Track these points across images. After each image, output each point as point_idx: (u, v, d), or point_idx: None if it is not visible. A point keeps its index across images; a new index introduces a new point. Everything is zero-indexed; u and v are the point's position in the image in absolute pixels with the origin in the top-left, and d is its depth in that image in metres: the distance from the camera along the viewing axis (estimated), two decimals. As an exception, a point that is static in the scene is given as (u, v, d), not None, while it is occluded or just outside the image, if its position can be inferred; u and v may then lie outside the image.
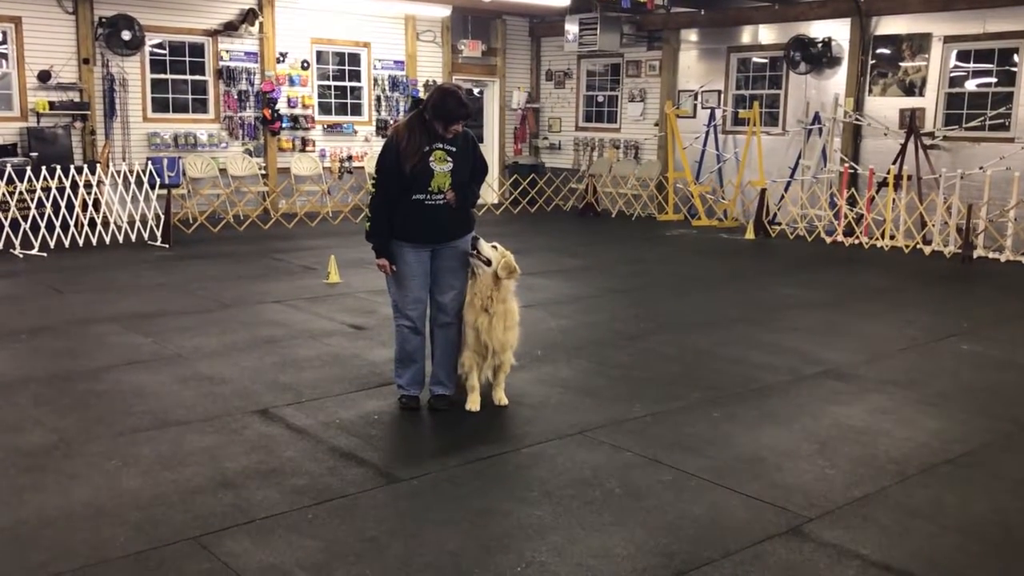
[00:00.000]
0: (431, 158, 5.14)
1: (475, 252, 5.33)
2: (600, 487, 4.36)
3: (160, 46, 13.79)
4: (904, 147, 12.51)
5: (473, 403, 5.42)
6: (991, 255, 11.54)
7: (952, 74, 12.69)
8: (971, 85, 12.56)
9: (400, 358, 5.46)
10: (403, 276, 5.29)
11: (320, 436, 4.99)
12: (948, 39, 12.61)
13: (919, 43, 12.87)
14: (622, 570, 3.57)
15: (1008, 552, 3.84)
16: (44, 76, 12.56)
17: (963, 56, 12.61)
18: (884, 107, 13.26)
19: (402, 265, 5.28)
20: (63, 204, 11.10)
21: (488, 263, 5.30)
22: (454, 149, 5.19)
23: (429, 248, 5.30)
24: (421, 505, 4.16)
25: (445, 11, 15.90)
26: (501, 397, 5.52)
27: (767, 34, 14.67)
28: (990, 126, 12.21)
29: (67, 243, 11.07)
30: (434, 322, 5.44)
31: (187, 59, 14.05)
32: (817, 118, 13.94)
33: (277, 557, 3.62)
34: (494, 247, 5.38)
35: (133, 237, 11.71)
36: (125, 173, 11.93)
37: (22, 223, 10.84)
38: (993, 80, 12.30)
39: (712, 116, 15.24)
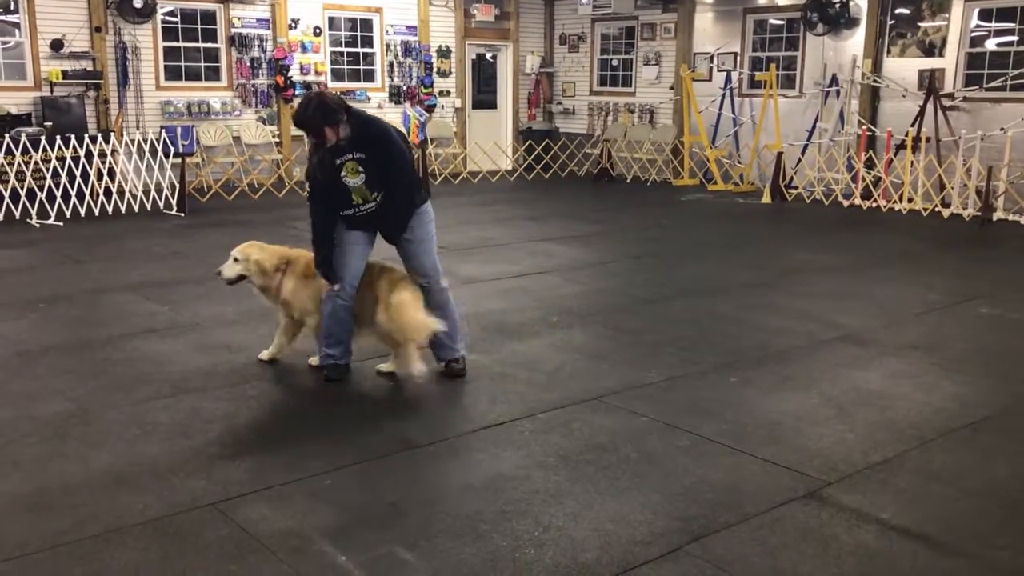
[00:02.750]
0: (343, 172, 4.95)
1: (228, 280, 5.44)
2: (616, 452, 4.36)
3: (172, 14, 13.72)
4: (923, 109, 12.34)
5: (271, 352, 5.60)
6: (1011, 217, 11.42)
7: (973, 34, 12.48)
8: (992, 44, 12.35)
9: (328, 334, 5.25)
10: (345, 243, 5.11)
11: (337, 403, 5.00)
12: (969, -3, 12.39)
13: (939, 2, 12.65)
14: (639, 534, 3.57)
15: (1028, 516, 3.82)
16: (56, 45, 12.53)
17: (984, 15, 12.39)
18: (903, 68, 13.07)
19: (345, 233, 5.11)
20: (78, 173, 11.11)
21: (243, 278, 5.41)
22: (364, 156, 4.93)
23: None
24: (438, 471, 4.18)
25: (457, -25, 15.74)
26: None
27: (784, -5, 14.47)
28: (1011, 86, 12.02)
29: (83, 212, 11.10)
30: (427, 293, 5.28)
31: (199, 27, 13.98)
32: (835, 80, 13.76)
33: (295, 523, 3.64)
34: (235, 259, 5.45)
35: (148, 206, 11.73)
36: (139, 142, 11.92)
37: (38, 193, 10.87)
38: (1015, 39, 12.09)
39: (728, 79, 15.07)
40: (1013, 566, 3.41)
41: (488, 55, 17.46)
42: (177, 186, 11.69)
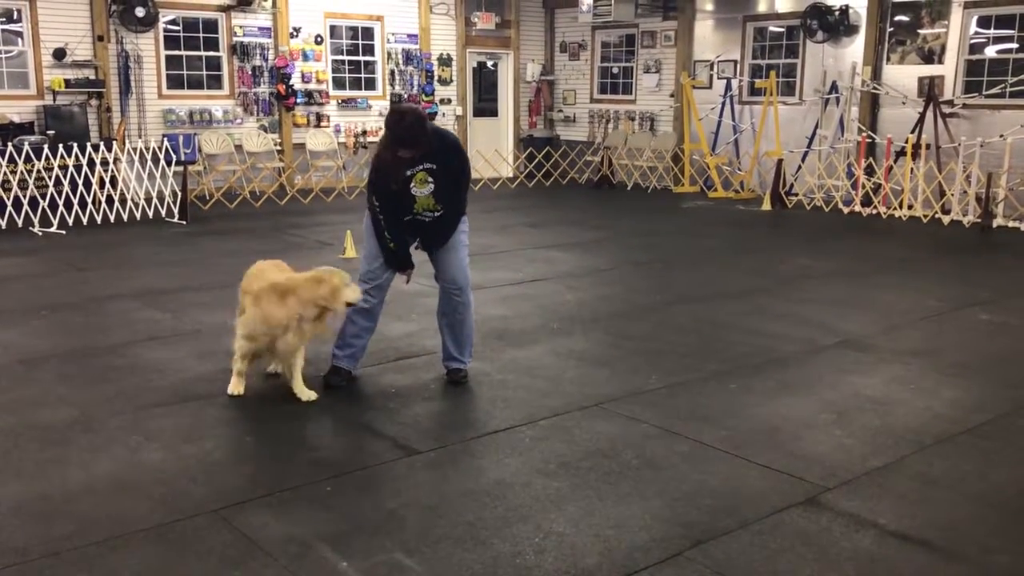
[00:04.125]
0: (412, 183, 5.01)
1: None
2: (617, 458, 4.37)
3: (174, 22, 13.79)
4: (923, 116, 12.38)
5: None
6: (1011, 224, 11.44)
7: (972, 41, 12.52)
8: (991, 51, 12.39)
9: (346, 334, 5.32)
10: (380, 247, 5.21)
11: (338, 409, 5.02)
12: (968, 4, 12.44)
13: (938, 9, 12.70)
14: (639, 540, 3.59)
15: (1026, 521, 3.83)
16: (59, 54, 12.59)
17: (983, 22, 12.43)
18: (902, 75, 13.11)
19: (376, 240, 5.20)
20: (80, 182, 11.15)
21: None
22: (434, 167, 4.99)
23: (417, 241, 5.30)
24: (439, 477, 4.19)
25: (458, -17, 15.80)
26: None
27: (783, 2, 14.50)
28: (1011, 93, 12.06)
29: (85, 220, 11.13)
30: (441, 300, 5.36)
31: (201, 35, 14.04)
32: (834, 87, 13.80)
33: (297, 529, 3.66)
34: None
35: (150, 214, 11.76)
36: (141, 150, 11.96)
37: (40, 201, 10.90)
38: (1014, 46, 12.13)
39: (728, 86, 15.12)
40: (1012, 571, 3.42)
41: (489, 63, 17.51)
42: (179, 194, 11.73)
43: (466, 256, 5.35)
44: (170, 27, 13.74)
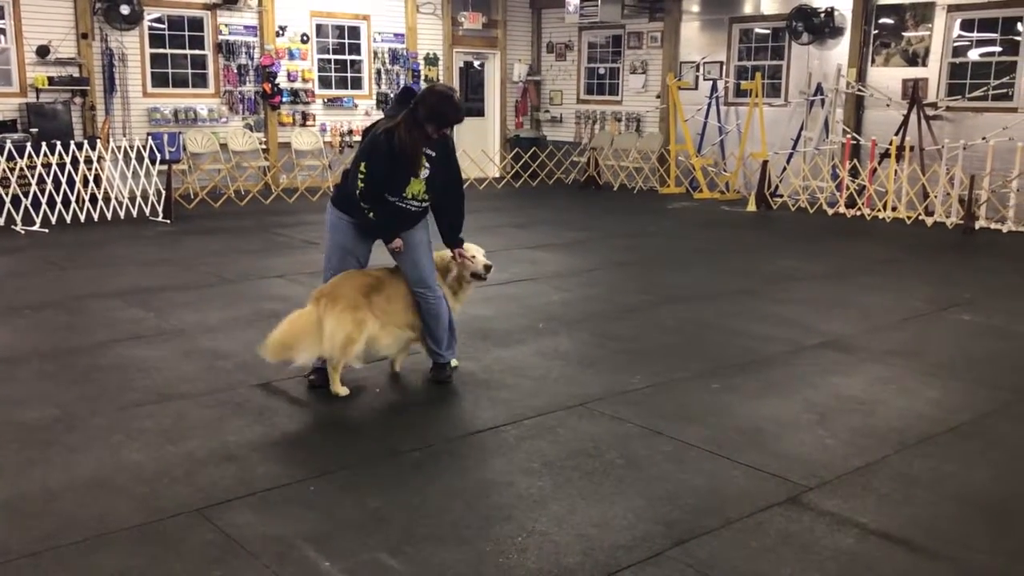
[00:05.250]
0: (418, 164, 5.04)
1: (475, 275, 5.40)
2: (600, 458, 4.38)
3: (159, 20, 13.73)
4: (907, 118, 12.45)
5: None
6: (993, 226, 11.52)
7: (955, 44, 12.60)
8: (974, 55, 12.48)
9: None
10: (336, 246, 5.24)
11: (322, 409, 5.01)
12: (951, 8, 12.51)
13: (922, 12, 12.78)
14: (622, 539, 3.59)
15: (1005, 519, 3.86)
16: (43, 51, 12.51)
17: (967, 25, 12.51)
18: (887, 77, 13.19)
19: (337, 235, 5.22)
20: (64, 180, 11.09)
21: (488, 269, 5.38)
22: (434, 155, 5.06)
23: (371, 236, 5.28)
24: (423, 477, 4.19)
25: (445, -17, 15.78)
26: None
27: (769, 4, 14.56)
28: (993, 96, 12.14)
29: (68, 219, 11.07)
30: (416, 296, 5.30)
31: (186, 33, 13.98)
32: (819, 89, 13.87)
33: (279, 529, 3.65)
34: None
35: (134, 213, 11.71)
36: (126, 148, 11.90)
37: (23, 199, 10.83)
38: (997, 49, 12.22)
39: (714, 88, 15.16)
40: (992, 570, 3.44)
41: (476, 63, 17.51)
42: (163, 193, 11.67)
43: (429, 254, 5.32)
44: (155, 25, 13.67)
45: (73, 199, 11.19)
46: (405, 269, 5.30)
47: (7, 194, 10.76)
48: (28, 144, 11.15)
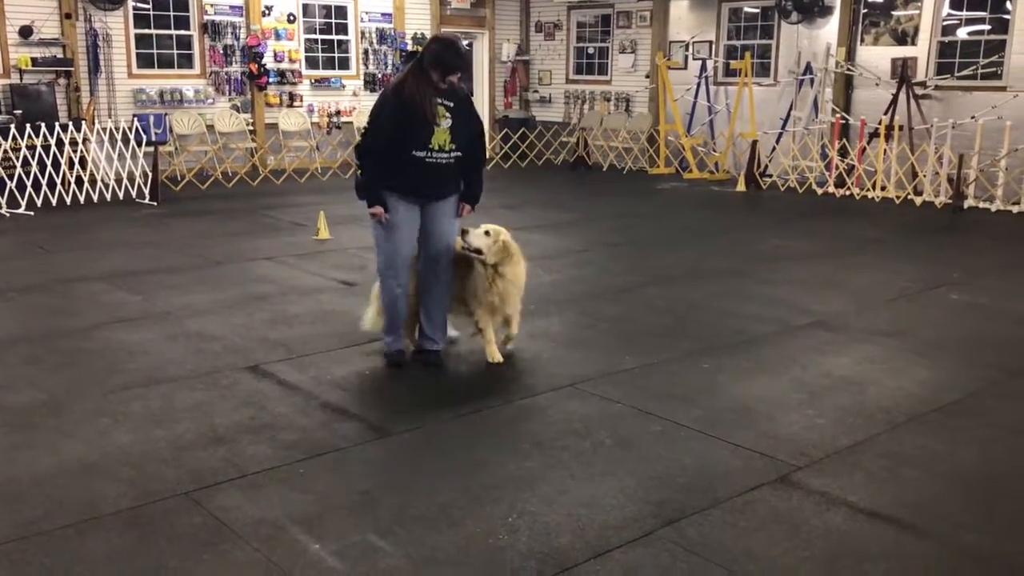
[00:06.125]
0: (434, 115, 5.06)
1: (465, 247, 5.25)
2: (590, 438, 4.38)
3: (143, 0, 13.57)
4: (896, 97, 12.43)
5: (493, 355, 5.43)
6: (982, 205, 11.54)
7: (945, 22, 12.57)
8: (963, 33, 12.45)
9: (390, 318, 5.39)
10: (394, 228, 5.21)
11: (311, 391, 4.99)
12: (941, -14, 12.47)
13: (912, -9, 12.74)
14: (612, 519, 3.59)
15: (993, 497, 3.88)
16: (26, 32, 12.36)
17: (956, 3, 12.47)
18: (876, 57, 13.15)
19: (393, 216, 5.20)
20: (49, 162, 10.99)
21: (479, 252, 5.23)
22: (452, 105, 5.10)
23: (419, 202, 5.25)
24: (413, 458, 4.18)
25: (432, -38, 15.66)
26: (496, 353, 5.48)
27: (759, -17, 14.51)
28: (982, 75, 12.13)
29: (54, 201, 10.98)
30: (423, 276, 5.39)
31: (171, 13, 13.83)
32: (809, 68, 13.83)
33: (269, 511, 3.64)
34: (486, 233, 5.25)
35: (121, 195, 11.62)
36: (111, 130, 11.80)
37: (8, 182, 10.74)
38: (986, 28, 12.19)
39: (703, 67, 15.11)
40: (980, 548, 3.46)
41: (464, 43, 17.37)
42: (150, 175, 11.59)
43: (454, 231, 5.36)
44: (140, 5, 13.51)
45: (59, 181, 11.10)
46: (433, 238, 5.29)
47: (-9, 177, 10.66)
48: (12, 126, 11.04)
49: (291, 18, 14.87)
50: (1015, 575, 3.31)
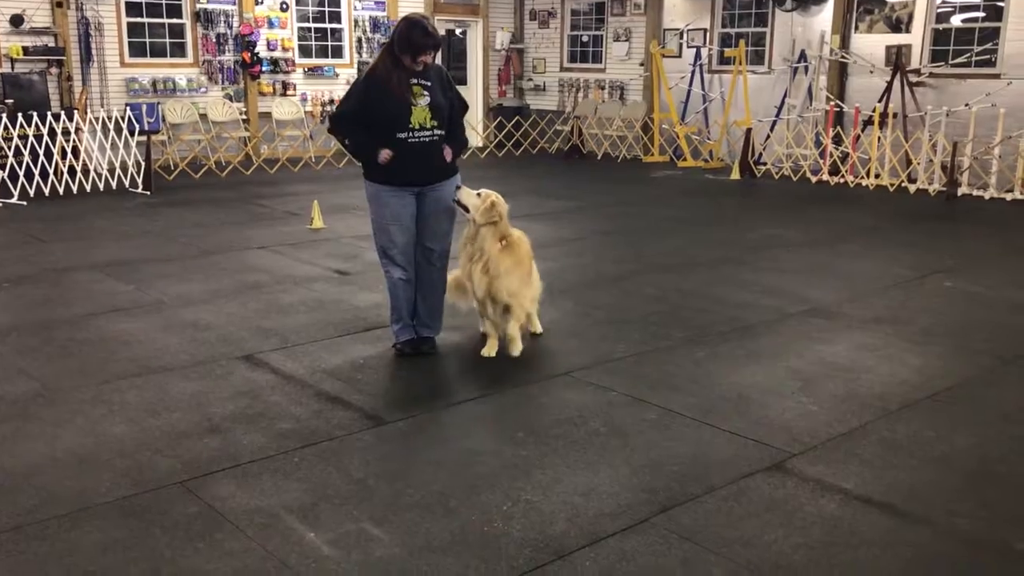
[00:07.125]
0: (411, 95, 5.06)
1: (456, 201, 5.25)
2: (585, 426, 4.38)
3: (135, -12, 13.49)
4: (890, 85, 12.43)
5: (488, 349, 5.37)
6: (976, 192, 11.55)
7: (939, 10, 12.55)
8: (957, 20, 12.44)
9: (395, 307, 5.38)
10: (388, 222, 5.20)
11: (306, 380, 4.99)
12: (935, -26, 12.45)
13: (906, -22, 12.71)
14: (606, 507, 3.60)
15: (987, 484, 3.89)
16: (16, 21, 12.29)
17: (950, -9, 12.46)
18: (870, 44, 13.13)
19: (384, 210, 5.19)
20: (41, 152, 10.94)
21: (467, 210, 5.22)
22: (428, 83, 5.11)
23: (413, 192, 5.22)
24: (408, 447, 4.18)
25: (426, -50, 15.58)
26: (510, 347, 5.37)
27: (753, -29, 14.46)
28: (976, 62, 12.13)
29: (47, 191, 10.94)
30: (420, 266, 5.38)
31: (164, 2, 13.75)
32: (803, 56, 13.81)
33: (263, 500, 3.64)
34: (478, 194, 5.26)
35: (114, 184, 11.58)
36: (104, 119, 11.75)
37: (0, 172, 10.69)
38: (980, 15, 12.18)
39: (698, 55, 15.08)
40: (972, 533, 3.47)
41: (458, 31, 17.34)
42: (142, 164, 11.54)
43: (452, 232, 5.36)
44: (131, -7, 13.45)
45: (51, 171, 11.05)
46: (430, 225, 5.27)
47: (-17, 166, 10.61)
48: (4, 116, 10.98)
49: (284, 6, 14.79)
50: (1008, 560, 3.32)
